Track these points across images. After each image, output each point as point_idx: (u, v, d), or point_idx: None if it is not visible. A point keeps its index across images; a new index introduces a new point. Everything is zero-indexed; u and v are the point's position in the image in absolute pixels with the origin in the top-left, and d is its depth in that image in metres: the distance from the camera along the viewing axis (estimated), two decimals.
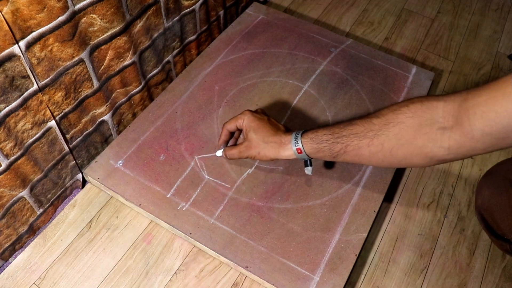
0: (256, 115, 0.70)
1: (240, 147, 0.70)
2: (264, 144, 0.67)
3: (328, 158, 0.64)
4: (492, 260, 0.75)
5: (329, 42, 0.99)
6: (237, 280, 0.69)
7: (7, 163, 0.60)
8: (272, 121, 0.70)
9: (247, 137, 0.69)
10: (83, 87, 0.68)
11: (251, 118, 0.69)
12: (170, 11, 0.80)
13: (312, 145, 0.64)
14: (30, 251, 0.70)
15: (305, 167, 0.69)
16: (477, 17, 1.19)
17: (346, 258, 0.68)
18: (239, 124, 0.71)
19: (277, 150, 0.67)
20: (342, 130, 0.61)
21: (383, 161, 0.59)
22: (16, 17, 0.52)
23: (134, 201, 0.72)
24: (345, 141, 0.60)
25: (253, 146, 0.68)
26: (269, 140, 0.67)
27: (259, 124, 0.68)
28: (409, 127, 0.55)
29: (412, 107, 0.55)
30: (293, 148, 0.65)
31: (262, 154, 0.68)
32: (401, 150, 0.56)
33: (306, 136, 0.64)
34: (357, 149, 0.59)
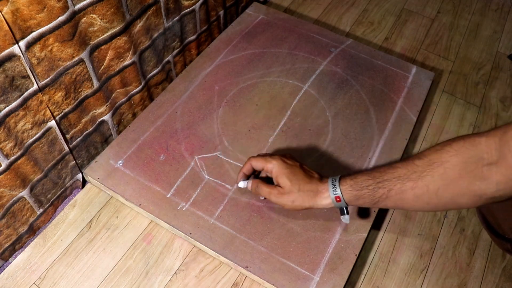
0: (288, 161, 0.66)
1: (273, 191, 0.65)
2: (299, 192, 0.63)
3: (368, 205, 0.60)
4: (492, 260, 0.75)
5: (329, 42, 0.99)
6: (237, 280, 0.69)
7: (7, 163, 0.60)
8: (305, 168, 0.66)
9: (279, 183, 0.65)
10: (83, 87, 0.68)
11: (282, 164, 0.65)
12: (170, 11, 0.80)
13: (352, 192, 0.61)
14: (30, 251, 0.70)
15: (342, 215, 0.65)
16: (477, 17, 1.19)
17: (346, 258, 0.68)
18: (267, 168, 0.66)
19: (314, 199, 0.63)
20: (383, 174, 0.58)
21: (428, 203, 0.56)
22: (16, 17, 0.52)
23: (134, 201, 0.72)
24: (387, 186, 0.57)
25: (286, 193, 0.64)
26: (305, 188, 0.63)
27: (292, 171, 0.64)
28: (455, 166, 0.53)
29: (454, 145, 0.53)
30: (332, 197, 0.62)
31: (296, 203, 0.64)
32: (448, 190, 0.54)
33: (344, 183, 0.61)
34: (400, 193, 0.56)
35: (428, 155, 0.55)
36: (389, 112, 0.87)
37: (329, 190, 0.62)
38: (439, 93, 1.00)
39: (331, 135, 0.83)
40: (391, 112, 0.87)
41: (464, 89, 1.01)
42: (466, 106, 0.98)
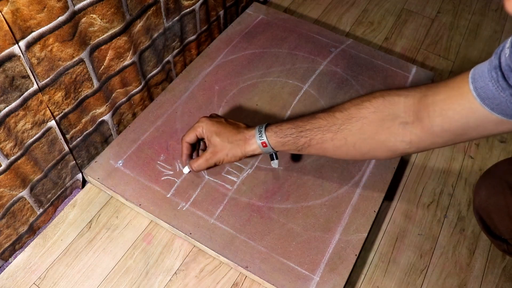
0: (213, 119, 0.69)
1: (206, 155, 0.68)
2: (229, 144, 0.66)
3: (293, 151, 0.64)
4: (492, 260, 0.75)
5: (329, 42, 0.99)
6: (237, 280, 0.69)
7: (7, 163, 0.60)
8: (230, 121, 0.69)
9: (211, 142, 0.67)
10: (83, 87, 0.68)
11: (209, 123, 0.67)
12: (170, 11, 0.80)
13: (276, 139, 0.63)
14: (30, 251, 0.70)
15: (271, 160, 0.68)
16: (477, 17, 1.19)
17: (346, 258, 0.68)
18: (198, 133, 0.68)
19: (243, 147, 0.65)
20: (305, 124, 0.61)
21: (347, 154, 0.60)
22: (16, 17, 0.52)
23: (134, 201, 0.72)
24: (309, 135, 0.60)
25: (219, 150, 0.66)
26: (233, 139, 0.66)
27: (220, 127, 0.67)
28: (372, 122, 0.56)
29: (374, 102, 0.56)
30: (258, 142, 0.64)
31: (230, 155, 0.66)
32: (364, 144, 0.57)
33: (270, 129, 0.64)
34: (321, 143, 0.60)
35: (348, 108, 0.58)
36: None
37: (256, 136, 0.65)
38: None
39: None
40: None
41: None
42: None
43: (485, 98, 0.46)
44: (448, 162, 0.88)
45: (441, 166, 0.87)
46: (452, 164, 0.87)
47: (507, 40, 0.45)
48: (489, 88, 0.45)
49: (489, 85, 0.45)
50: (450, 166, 0.87)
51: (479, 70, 0.47)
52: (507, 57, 0.43)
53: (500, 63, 0.44)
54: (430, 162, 0.87)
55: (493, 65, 0.45)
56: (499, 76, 0.44)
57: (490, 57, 0.46)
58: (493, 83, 0.45)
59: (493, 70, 0.45)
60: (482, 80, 0.46)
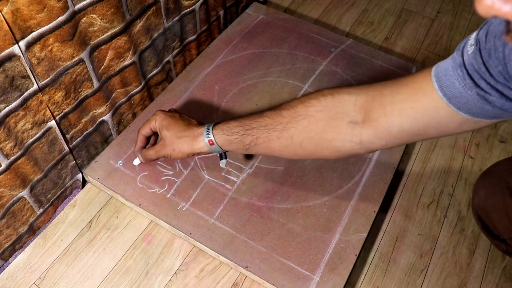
0: (168, 113, 0.69)
1: (155, 147, 0.69)
2: (177, 139, 0.66)
3: (241, 150, 0.62)
4: (492, 260, 0.75)
5: (329, 42, 0.99)
6: (237, 280, 0.69)
7: (7, 163, 0.60)
8: (184, 117, 0.69)
9: (161, 135, 0.68)
10: (83, 87, 0.68)
11: (162, 116, 0.68)
12: (170, 11, 0.80)
13: (223, 137, 0.62)
14: (30, 251, 0.70)
15: (220, 160, 0.67)
16: (477, 17, 1.19)
17: (346, 258, 0.68)
18: (152, 126, 0.69)
19: (190, 144, 0.65)
20: (252, 122, 0.60)
21: (294, 154, 0.58)
22: (16, 17, 0.52)
23: (134, 201, 0.72)
24: (255, 134, 0.59)
25: (167, 144, 0.67)
26: (182, 135, 0.66)
27: (171, 121, 0.67)
28: (319, 121, 0.54)
29: (322, 100, 0.54)
30: (205, 140, 0.64)
31: (177, 150, 0.66)
32: (311, 143, 0.56)
33: (217, 127, 0.63)
34: (267, 141, 0.58)
35: (295, 106, 0.56)
36: None
37: (203, 134, 0.64)
38: None
39: None
40: None
41: None
42: None
43: (451, 97, 0.44)
44: (448, 162, 0.88)
45: (441, 166, 0.87)
46: (452, 164, 0.87)
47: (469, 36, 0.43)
48: (456, 87, 0.43)
49: (455, 84, 0.43)
50: (450, 166, 0.87)
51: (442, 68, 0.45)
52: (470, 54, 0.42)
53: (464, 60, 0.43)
54: (430, 162, 0.87)
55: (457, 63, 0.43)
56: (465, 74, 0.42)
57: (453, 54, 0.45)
58: (459, 81, 0.43)
59: (458, 68, 0.43)
60: (447, 78, 0.44)
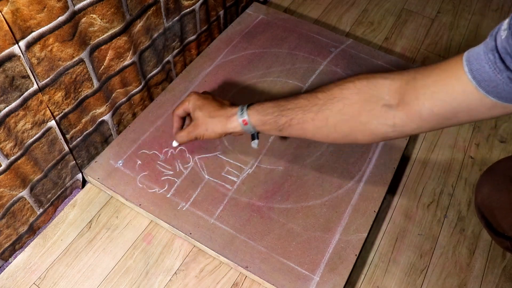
0: (201, 94, 0.69)
1: (188, 128, 0.68)
2: (210, 119, 0.65)
3: (274, 131, 0.62)
4: (492, 260, 0.75)
5: (329, 42, 0.99)
6: (237, 280, 0.69)
7: (7, 163, 0.60)
8: (217, 98, 0.69)
9: (194, 116, 0.67)
10: (83, 87, 0.68)
11: (196, 97, 0.68)
12: (170, 11, 0.80)
13: (258, 117, 0.62)
14: (30, 251, 0.70)
15: (252, 140, 0.67)
16: (477, 17, 1.19)
17: (346, 258, 0.68)
18: (185, 107, 0.69)
19: (224, 124, 0.65)
20: (287, 103, 0.60)
21: (327, 136, 0.59)
22: (16, 17, 0.52)
23: (134, 201, 0.72)
24: (290, 115, 0.59)
25: (200, 124, 0.66)
26: (215, 114, 0.65)
27: (204, 102, 0.67)
28: (354, 103, 0.55)
29: (358, 83, 0.55)
30: (239, 120, 0.63)
31: (210, 130, 0.66)
32: (346, 125, 0.56)
33: (252, 108, 0.63)
34: (302, 122, 0.59)
35: (331, 89, 0.57)
36: None
37: (237, 114, 0.64)
38: None
39: None
40: None
41: None
42: None
43: (481, 81, 0.44)
44: (448, 162, 0.88)
45: (441, 166, 0.87)
46: (452, 164, 0.87)
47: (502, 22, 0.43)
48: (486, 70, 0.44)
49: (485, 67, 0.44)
50: (450, 166, 0.87)
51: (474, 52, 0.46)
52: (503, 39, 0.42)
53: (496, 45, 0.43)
54: (430, 162, 0.87)
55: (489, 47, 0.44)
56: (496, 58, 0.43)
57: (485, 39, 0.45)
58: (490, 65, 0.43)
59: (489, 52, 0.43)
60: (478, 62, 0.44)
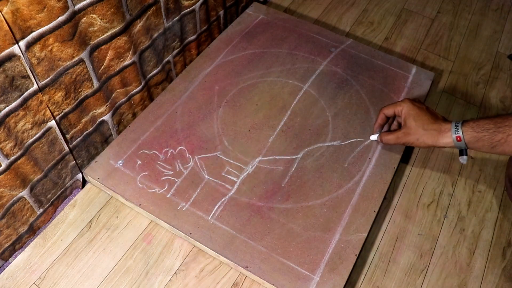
0: (415, 103, 0.72)
1: (398, 133, 0.72)
2: (423, 131, 0.69)
3: (486, 148, 0.64)
4: (492, 260, 0.75)
5: (329, 42, 0.99)
6: (237, 280, 0.69)
7: (7, 163, 0.60)
8: (430, 109, 0.71)
9: (406, 124, 0.71)
10: (83, 87, 0.68)
11: (410, 106, 0.71)
12: (170, 11, 0.80)
13: (472, 134, 0.65)
14: (30, 251, 0.70)
15: (460, 155, 0.70)
16: (477, 17, 1.19)
17: (346, 258, 0.68)
18: (397, 110, 0.73)
19: (436, 138, 0.68)
20: (504, 120, 0.62)
21: None
22: (16, 17, 0.52)
23: (134, 201, 0.72)
24: (507, 131, 0.61)
25: (412, 133, 0.70)
26: (428, 127, 0.68)
27: (419, 112, 0.70)
28: None
29: None
30: (453, 136, 0.66)
31: (421, 140, 0.69)
32: None
33: (467, 124, 0.66)
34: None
35: None
36: None
37: (452, 130, 0.66)
38: (439, 93, 1.00)
39: (331, 135, 0.83)
40: None
41: (464, 89, 1.01)
42: (466, 106, 0.98)
43: None
44: (448, 162, 0.88)
45: (441, 166, 0.87)
46: (452, 164, 0.87)
47: None
48: None
49: None
50: (450, 166, 0.87)
51: None
52: None
53: None
54: (430, 162, 0.87)
55: None
56: None
57: None
58: None
59: None
60: None
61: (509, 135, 0.61)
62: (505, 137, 0.61)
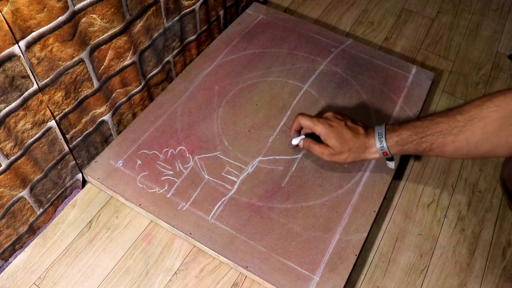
0: (333, 124, 0.70)
1: (324, 151, 0.71)
2: (349, 151, 0.69)
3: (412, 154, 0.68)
4: (492, 260, 0.75)
5: (329, 42, 0.99)
6: (237, 280, 0.69)
7: (7, 163, 0.60)
8: (349, 125, 0.70)
9: (329, 143, 0.70)
10: (83, 87, 0.68)
11: (329, 129, 0.69)
12: (170, 11, 0.80)
13: (398, 148, 0.66)
14: (30, 251, 0.70)
15: (388, 161, 0.72)
16: (477, 17, 1.19)
17: (346, 258, 0.68)
18: (315, 130, 0.71)
19: (364, 155, 0.69)
20: (426, 130, 0.63)
21: (467, 154, 0.61)
22: (16, 17, 0.52)
23: (134, 201, 0.72)
24: (430, 140, 0.62)
25: (337, 154, 0.70)
26: (353, 146, 0.68)
27: (338, 132, 0.69)
28: (494, 121, 0.56)
29: (495, 100, 0.57)
30: (379, 152, 0.68)
31: (349, 160, 0.70)
32: (486, 143, 0.58)
33: (390, 139, 0.66)
34: (442, 146, 0.62)
35: (470, 110, 0.59)
36: (389, 112, 0.87)
37: (377, 146, 0.68)
38: (439, 93, 1.00)
39: None
40: (391, 112, 0.87)
41: (464, 89, 1.01)
42: None
43: None
44: (448, 162, 0.87)
45: (441, 166, 0.87)
46: (452, 164, 0.87)
47: None
48: None
49: None
50: (450, 166, 0.87)
51: None
52: None
53: None
54: (430, 162, 0.87)
55: None
56: None
57: None
58: None
59: None
60: None
61: (433, 144, 0.62)
62: (429, 146, 0.63)
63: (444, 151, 0.62)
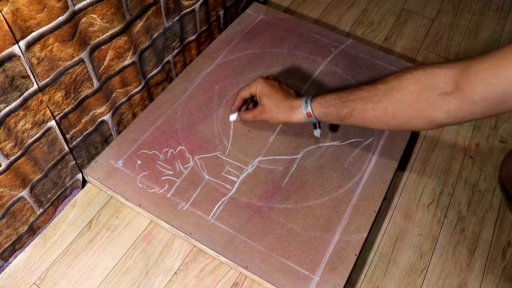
0: (268, 81, 0.73)
1: (254, 112, 0.74)
2: (276, 108, 0.71)
3: (336, 121, 0.67)
4: (492, 260, 0.75)
5: (329, 42, 0.99)
6: (237, 280, 0.69)
7: (7, 163, 0.60)
8: (283, 86, 0.73)
9: (261, 102, 0.73)
10: (83, 87, 0.68)
11: (263, 84, 0.73)
12: (170, 11, 0.80)
13: (321, 109, 0.67)
14: (30, 251, 0.70)
15: (314, 129, 0.74)
16: (477, 17, 1.19)
17: (346, 258, 0.68)
18: (252, 91, 0.75)
19: (289, 114, 0.70)
20: (349, 95, 0.64)
21: (386, 124, 0.62)
22: (16, 17, 0.52)
23: (134, 201, 0.72)
24: (351, 105, 0.63)
25: (266, 111, 0.72)
26: (281, 104, 0.71)
27: (271, 90, 0.72)
28: (412, 92, 0.58)
29: (415, 73, 0.58)
30: (303, 112, 0.69)
31: (275, 118, 0.71)
32: (403, 113, 0.59)
33: (315, 101, 0.68)
34: (363, 112, 0.63)
35: (390, 80, 0.61)
36: None
37: (302, 107, 0.69)
38: None
39: (331, 135, 0.83)
40: None
41: None
42: None
43: None
44: (448, 162, 0.88)
45: (441, 166, 0.87)
46: (452, 164, 0.87)
47: None
48: None
49: None
50: (450, 166, 0.87)
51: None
52: None
53: None
54: (430, 162, 0.87)
55: None
56: None
57: None
58: None
59: None
60: None
61: (354, 109, 0.63)
62: (350, 111, 0.64)
63: (364, 118, 0.63)
